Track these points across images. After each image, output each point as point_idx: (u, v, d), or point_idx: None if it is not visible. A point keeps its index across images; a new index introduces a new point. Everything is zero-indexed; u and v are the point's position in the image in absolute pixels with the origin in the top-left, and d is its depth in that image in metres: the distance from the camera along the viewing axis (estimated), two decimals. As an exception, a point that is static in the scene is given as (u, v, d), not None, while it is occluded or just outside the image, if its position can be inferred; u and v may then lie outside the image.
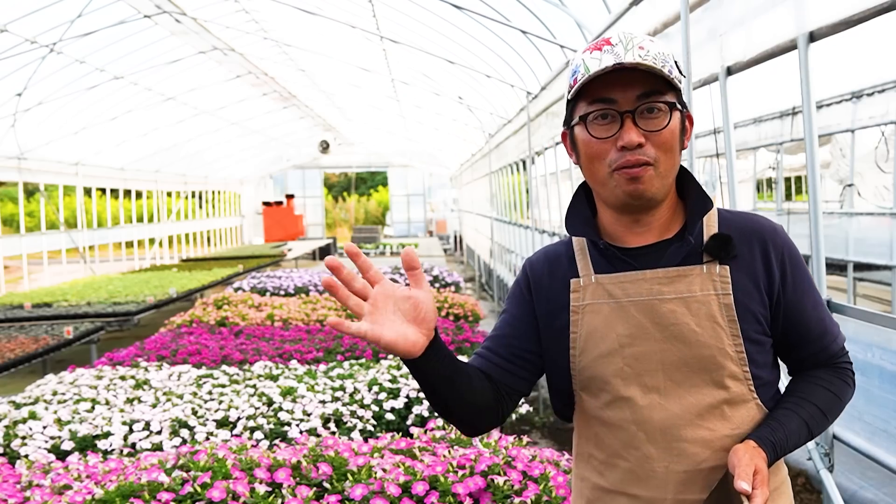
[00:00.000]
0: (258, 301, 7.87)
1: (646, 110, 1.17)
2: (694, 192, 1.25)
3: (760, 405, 1.23)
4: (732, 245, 1.21)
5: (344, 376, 4.10)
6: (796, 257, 1.25)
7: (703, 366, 1.20)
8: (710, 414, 1.21)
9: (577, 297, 1.28)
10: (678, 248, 1.22)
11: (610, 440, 1.26)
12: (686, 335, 1.20)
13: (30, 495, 2.34)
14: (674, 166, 1.21)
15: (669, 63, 1.17)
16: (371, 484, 2.25)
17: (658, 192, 1.19)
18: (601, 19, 4.83)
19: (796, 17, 2.50)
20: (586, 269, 1.28)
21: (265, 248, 18.81)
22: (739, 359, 1.20)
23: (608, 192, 1.22)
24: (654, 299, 1.21)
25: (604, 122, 1.18)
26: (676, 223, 1.26)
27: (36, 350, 6.22)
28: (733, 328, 1.19)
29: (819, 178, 2.57)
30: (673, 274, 1.22)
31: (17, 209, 13.51)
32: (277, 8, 9.66)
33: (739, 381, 1.21)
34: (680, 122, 1.21)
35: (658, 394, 1.21)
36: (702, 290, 1.21)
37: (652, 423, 1.22)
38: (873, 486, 2.92)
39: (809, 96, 2.50)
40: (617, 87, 1.16)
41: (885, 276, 8.45)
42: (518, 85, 8.16)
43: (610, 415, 1.25)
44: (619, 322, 1.23)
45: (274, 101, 16.65)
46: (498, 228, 12.30)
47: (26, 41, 8.74)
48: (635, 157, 1.16)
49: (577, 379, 1.29)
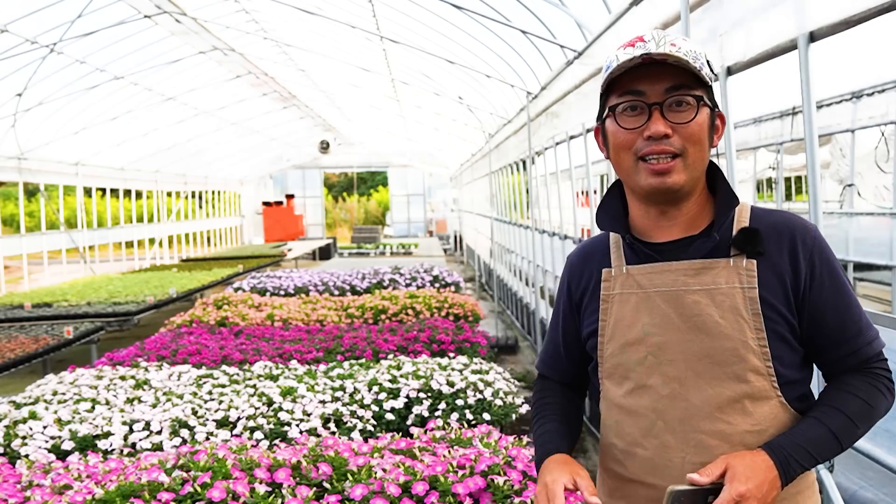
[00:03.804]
0: (258, 301, 7.87)
1: (674, 103, 1.18)
2: (723, 190, 1.26)
3: (784, 403, 1.21)
4: (760, 239, 1.21)
5: (344, 376, 4.10)
6: (827, 257, 1.23)
7: (724, 358, 1.19)
8: (731, 408, 1.20)
9: (608, 286, 1.31)
10: (704, 242, 1.23)
11: (630, 428, 1.27)
12: (709, 326, 1.20)
13: (30, 495, 2.34)
14: (702, 160, 1.21)
15: (701, 60, 1.19)
16: (371, 484, 2.25)
17: (686, 183, 1.20)
18: (601, 19, 4.83)
19: (796, 17, 2.50)
20: (618, 260, 1.32)
21: (265, 249, 18.80)
22: (762, 353, 1.19)
23: (634, 183, 1.23)
24: (679, 290, 1.23)
25: (632, 113, 1.20)
26: (704, 219, 1.26)
27: (36, 350, 6.21)
28: (757, 322, 1.19)
29: (819, 178, 2.57)
30: (699, 266, 1.22)
31: (18, 209, 13.51)
32: (277, 8, 9.66)
33: (762, 375, 1.19)
34: (709, 118, 1.22)
35: (679, 384, 1.22)
36: (727, 282, 1.20)
37: (671, 412, 1.22)
38: (873, 487, 2.91)
39: (809, 96, 2.50)
40: (646, 79, 1.18)
41: (885, 276, 8.45)
42: (518, 85, 8.15)
43: (631, 402, 1.27)
44: (646, 312, 1.25)
45: (274, 101, 16.64)
46: (498, 228, 12.30)
47: (26, 41, 8.74)
48: (661, 146, 1.17)
49: (604, 367, 1.32)
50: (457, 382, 3.73)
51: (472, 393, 3.66)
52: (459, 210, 23.77)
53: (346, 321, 6.81)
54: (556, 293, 1.48)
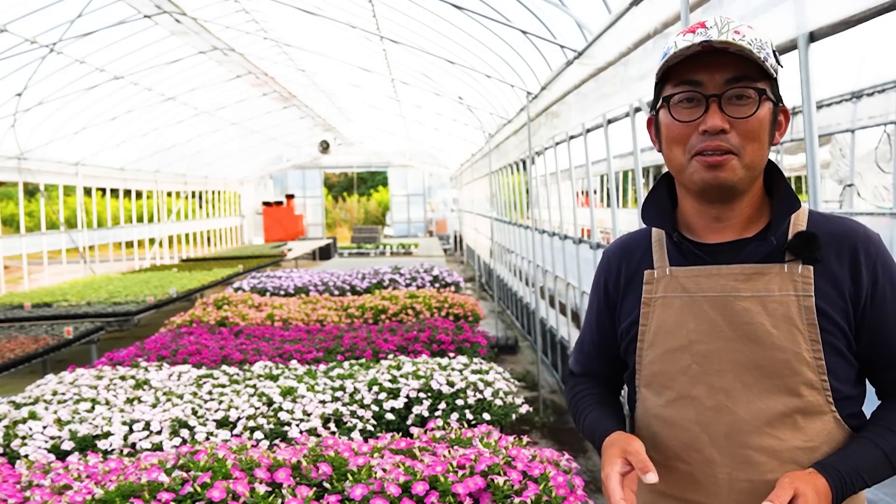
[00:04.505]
0: (258, 301, 7.87)
1: (734, 96, 1.10)
2: (782, 191, 1.17)
3: (839, 420, 1.14)
4: (818, 244, 1.12)
5: (344, 376, 4.10)
6: (891, 269, 1.15)
7: (776, 370, 1.12)
8: (781, 423, 1.12)
9: (650, 289, 1.23)
10: (758, 246, 1.15)
11: (670, 441, 1.20)
12: (760, 336, 1.12)
13: (30, 495, 2.34)
14: (761, 158, 1.13)
15: (766, 50, 1.11)
16: (371, 484, 2.25)
17: (740, 182, 1.12)
18: (601, 19, 4.83)
19: (796, 17, 2.50)
20: (661, 261, 1.23)
21: (265, 248, 18.80)
22: (817, 366, 1.11)
23: (686, 179, 1.15)
24: (728, 296, 1.14)
25: (689, 105, 1.12)
26: (760, 222, 1.18)
27: (36, 350, 6.21)
28: (812, 333, 1.11)
29: (819, 178, 2.57)
30: (750, 271, 1.14)
31: (18, 209, 13.51)
32: (277, 8, 9.66)
33: (816, 390, 1.12)
34: (771, 113, 1.13)
35: (726, 395, 1.14)
36: (781, 289, 1.12)
37: (717, 425, 1.15)
38: (873, 486, 2.91)
39: (809, 96, 2.50)
40: (705, 69, 1.10)
41: (885, 276, 8.44)
42: (518, 85, 8.16)
43: (672, 414, 1.19)
44: (691, 317, 1.17)
45: (274, 101, 16.64)
46: (498, 228, 12.30)
47: (26, 41, 8.74)
48: (716, 142, 1.09)
49: (642, 374, 1.24)
50: (457, 382, 3.73)
51: (472, 393, 3.66)
52: (459, 210, 23.78)
53: (346, 321, 6.81)
54: (591, 289, 1.38)
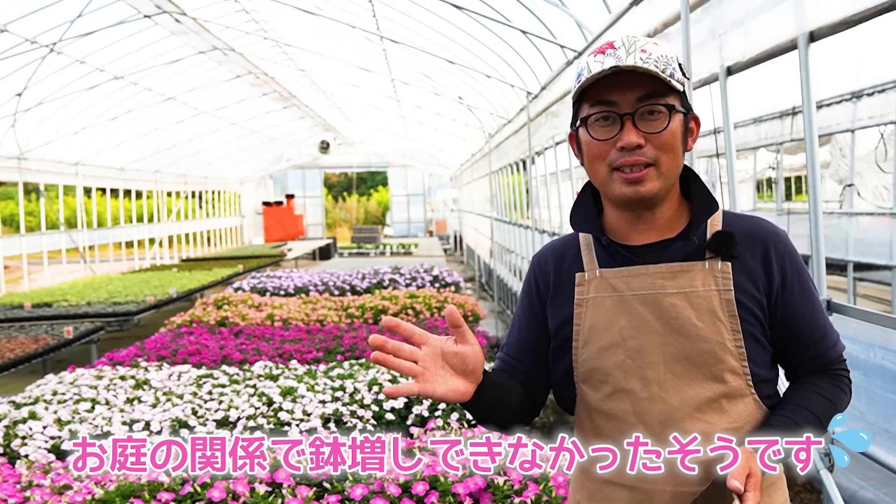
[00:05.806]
0: (258, 301, 7.87)
1: (646, 112, 1.19)
2: (700, 194, 1.28)
3: (758, 401, 1.25)
4: (734, 242, 1.23)
5: (344, 376, 4.10)
6: (797, 263, 1.27)
7: (703, 359, 1.22)
8: (709, 407, 1.23)
9: (582, 290, 1.30)
10: (681, 246, 1.25)
11: (610, 431, 1.28)
12: (687, 329, 1.22)
13: (30, 495, 2.34)
14: (676, 167, 1.23)
15: (672, 66, 1.19)
16: (371, 484, 2.25)
17: (659, 191, 1.22)
18: (601, 19, 4.83)
19: (796, 17, 2.50)
20: (591, 263, 1.31)
21: (265, 248, 18.81)
22: (739, 354, 1.22)
23: (609, 192, 1.25)
24: (656, 293, 1.24)
25: (605, 123, 1.21)
26: (680, 223, 1.28)
27: (36, 350, 6.21)
28: (734, 323, 1.22)
29: (819, 178, 2.57)
30: (675, 269, 1.24)
31: (18, 209, 13.51)
32: (277, 8, 9.66)
33: (738, 375, 1.23)
34: (682, 123, 1.23)
35: (658, 386, 1.24)
36: (703, 285, 1.23)
37: (652, 414, 1.24)
38: (873, 486, 2.91)
39: (809, 96, 2.50)
40: (617, 89, 1.19)
41: (885, 276, 8.44)
42: (518, 85, 8.15)
43: (610, 406, 1.27)
44: (622, 315, 1.26)
45: (274, 101, 16.64)
46: (498, 228, 12.29)
47: (26, 41, 8.73)
48: (634, 157, 1.19)
49: (579, 371, 1.31)
50: (457, 382, 3.73)
51: (472, 393, 3.65)
52: (459, 210, 23.77)
53: (346, 321, 6.81)
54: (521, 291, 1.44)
